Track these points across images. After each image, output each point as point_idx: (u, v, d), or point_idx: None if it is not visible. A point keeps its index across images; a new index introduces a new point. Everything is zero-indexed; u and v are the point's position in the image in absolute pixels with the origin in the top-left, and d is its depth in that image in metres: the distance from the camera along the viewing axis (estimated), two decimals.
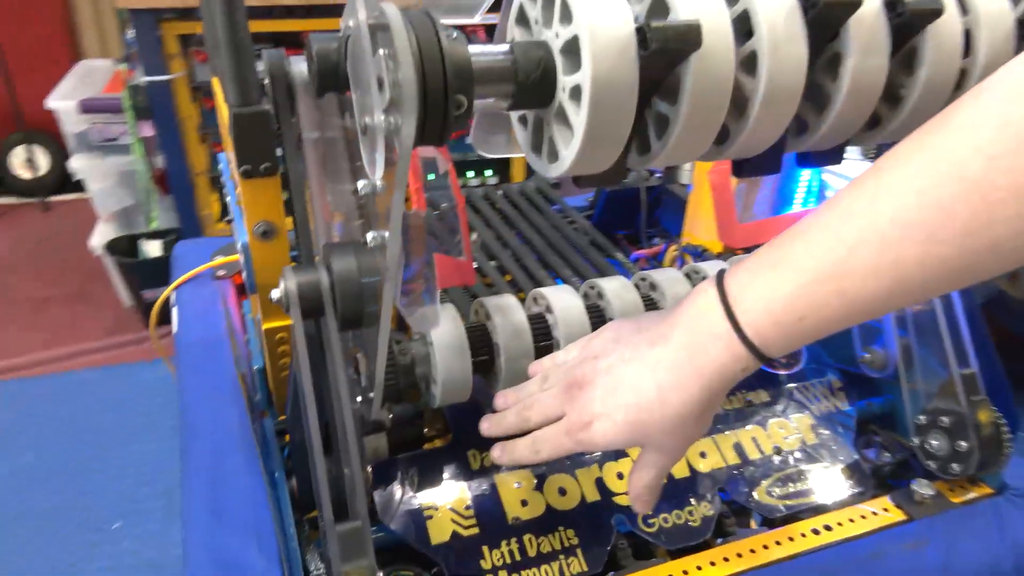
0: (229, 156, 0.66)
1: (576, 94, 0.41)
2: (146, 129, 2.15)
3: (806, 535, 0.66)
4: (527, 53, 0.43)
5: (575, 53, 0.40)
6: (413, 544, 0.62)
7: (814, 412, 0.79)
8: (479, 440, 0.62)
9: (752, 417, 0.77)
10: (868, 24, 0.45)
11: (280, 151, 0.59)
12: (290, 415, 0.65)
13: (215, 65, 0.54)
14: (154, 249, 2.31)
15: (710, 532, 0.67)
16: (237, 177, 0.60)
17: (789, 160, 0.56)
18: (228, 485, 0.63)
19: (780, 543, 0.65)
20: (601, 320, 0.66)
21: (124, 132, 2.27)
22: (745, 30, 0.44)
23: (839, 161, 0.54)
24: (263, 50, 0.56)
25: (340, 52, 0.47)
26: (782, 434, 0.76)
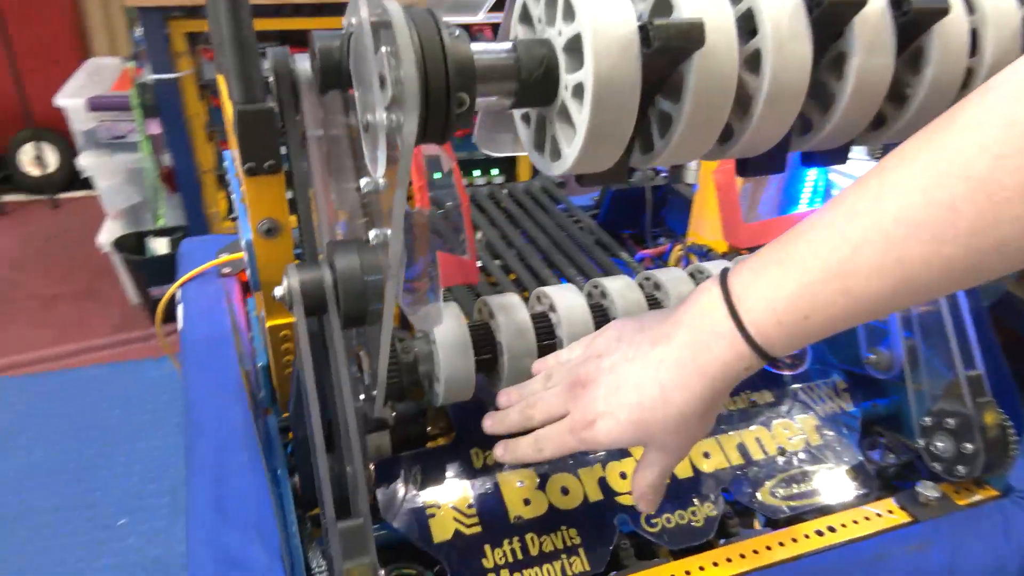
0: (234, 153, 0.66)
1: (578, 92, 0.41)
2: (154, 127, 2.15)
3: (810, 536, 0.66)
4: (530, 51, 0.43)
5: (578, 51, 0.40)
6: (415, 542, 0.62)
7: (819, 413, 0.78)
8: (482, 439, 0.62)
9: (756, 418, 0.76)
10: (873, 23, 0.45)
11: (284, 149, 0.59)
12: (293, 412, 0.65)
13: (220, 63, 0.54)
14: (161, 246, 2.32)
15: (713, 532, 0.66)
16: (241, 174, 0.60)
17: (795, 160, 0.56)
18: (231, 483, 0.63)
19: (783, 544, 0.65)
20: (605, 319, 0.66)
21: (132, 130, 2.28)
22: (749, 28, 0.43)
23: (844, 160, 0.54)
24: (268, 48, 0.56)
25: (343, 49, 0.47)
26: (786, 435, 0.75)
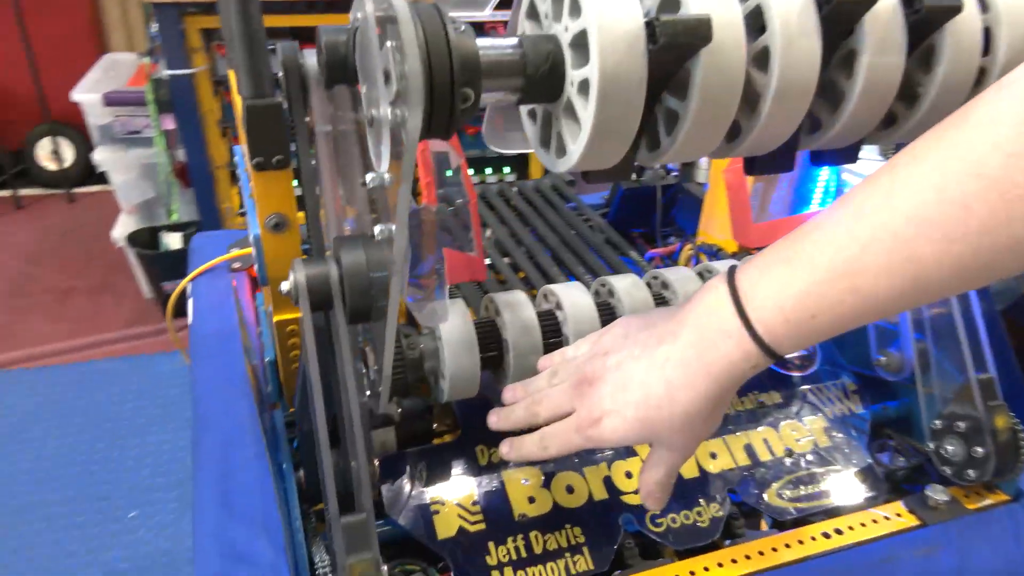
0: (243, 148, 0.67)
1: (584, 88, 0.41)
2: (168, 122, 2.17)
3: (816, 538, 0.65)
4: (536, 47, 0.43)
5: (584, 47, 0.40)
6: (419, 539, 0.62)
7: (827, 415, 0.78)
8: (487, 436, 0.62)
9: (764, 418, 0.76)
10: (884, 21, 0.44)
11: (294, 145, 0.59)
12: (298, 407, 0.65)
13: (231, 57, 0.55)
14: (174, 241, 2.34)
15: (718, 533, 0.66)
16: (250, 169, 0.60)
17: (806, 159, 0.56)
18: (237, 477, 0.63)
19: (790, 546, 0.64)
20: (611, 318, 0.65)
21: (147, 125, 2.29)
22: (758, 25, 0.43)
23: (854, 160, 0.53)
24: (278, 43, 0.56)
25: (349, 44, 0.47)
26: (794, 436, 0.75)
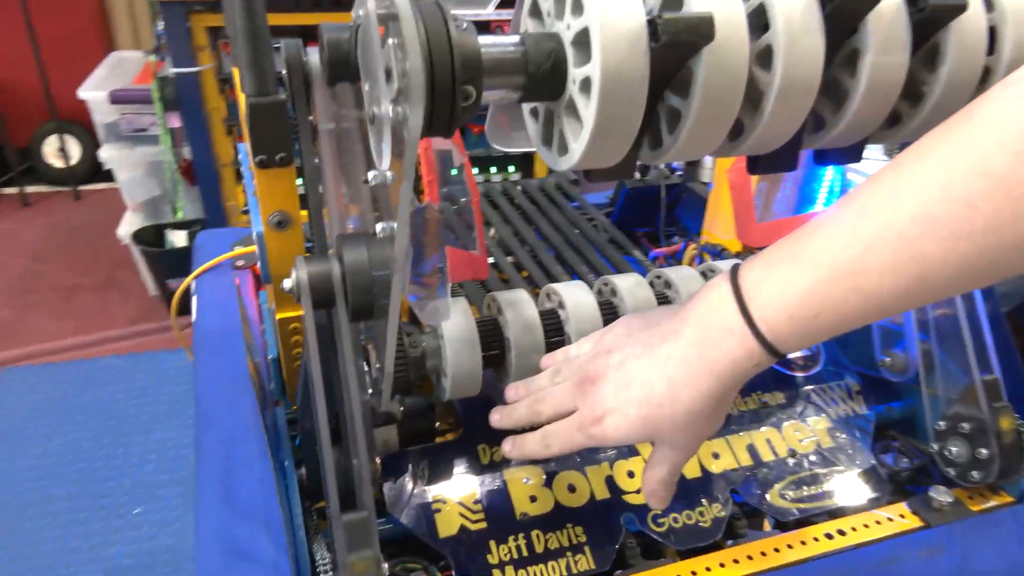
0: (246, 146, 0.67)
1: (586, 86, 0.41)
2: (174, 120, 2.17)
3: (819, 539, 0.65)
4: (538, 44, 0.42)
5: (585, 45, 0.40)
6: (421, 537, 0.62)
7: (831, 415, 0.77)
8: (490, 434, 0.62)
9: (767, 419, 0.76)
10: (888, 20, 0.44)
11: (297, 142, 0.59)
12: (300, 405, 0.65)
13: (235, 55, 0.55)
14: (180, 239, 2.34)
15: (720, 533, 0.66)
16: (253, 167, 0.60)
17: (811, 159, 0.56)
18: (238, 475, 0.64)
19: (792, 546, 0.64)
20: (614, 317, 0.65)
21: (153, 123, 2.30)
22: (761, 23, 0.43)
23: (858, 159, 0.53)
24: (282, 41, 0.56)
25: (351, 41, 0.47)
26: (797, 437, 0.75)
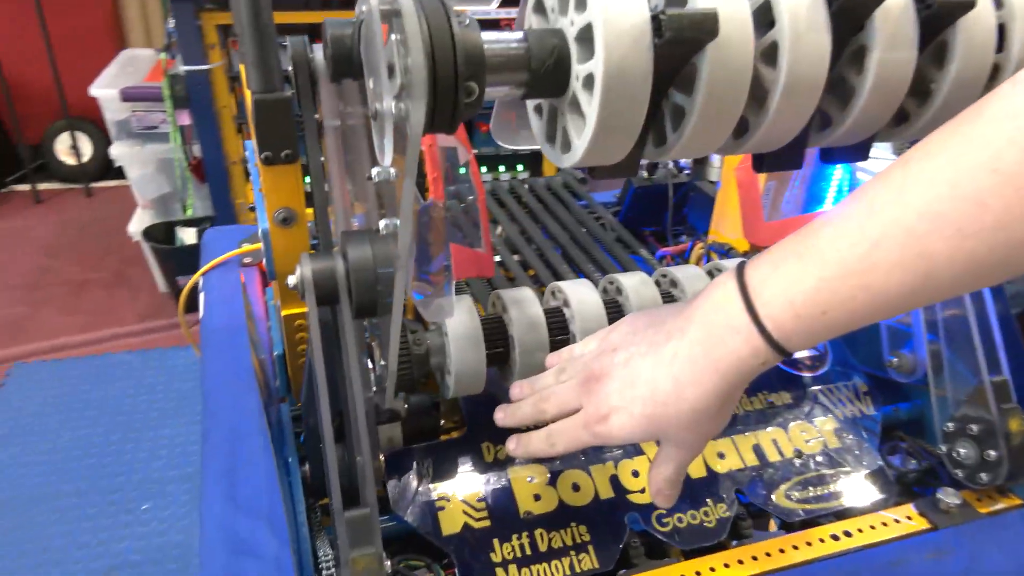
0: (253, 143, 0.67)
1: (589, 83, 0.40)
2: (184, 118, 2.18)
3: (825, 540, 0.65)
4: (541, 41, 0.42)
5: (589, 41, 0.40)
6: (425, 535, 0.62)
7: (838, 416, 0.77)
8: (494, 433, 0.62)
9: (773, 419, 0.75)
10: (895, 17, 0.44)
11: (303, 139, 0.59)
12: (304, 402, 0.65)
13: (242, 52, 0.55)
14: (189, 236, 2.35)
15: (725, 533, 0.65)
16: (259, 164, 0.60)
17: (820, 158, 0.55)
18: (243, 471, 0.64)
19: (797, 547, 0.64)
20: (619, 315, 0.65)
21: (163, 120, 2.31)
22: (766, 20, 0.42)
23: (865, 157, 0.53)
24: (288, 38, 0.56)
25: (354, 38, 0.47)
26: (803, 437, 0.74)
